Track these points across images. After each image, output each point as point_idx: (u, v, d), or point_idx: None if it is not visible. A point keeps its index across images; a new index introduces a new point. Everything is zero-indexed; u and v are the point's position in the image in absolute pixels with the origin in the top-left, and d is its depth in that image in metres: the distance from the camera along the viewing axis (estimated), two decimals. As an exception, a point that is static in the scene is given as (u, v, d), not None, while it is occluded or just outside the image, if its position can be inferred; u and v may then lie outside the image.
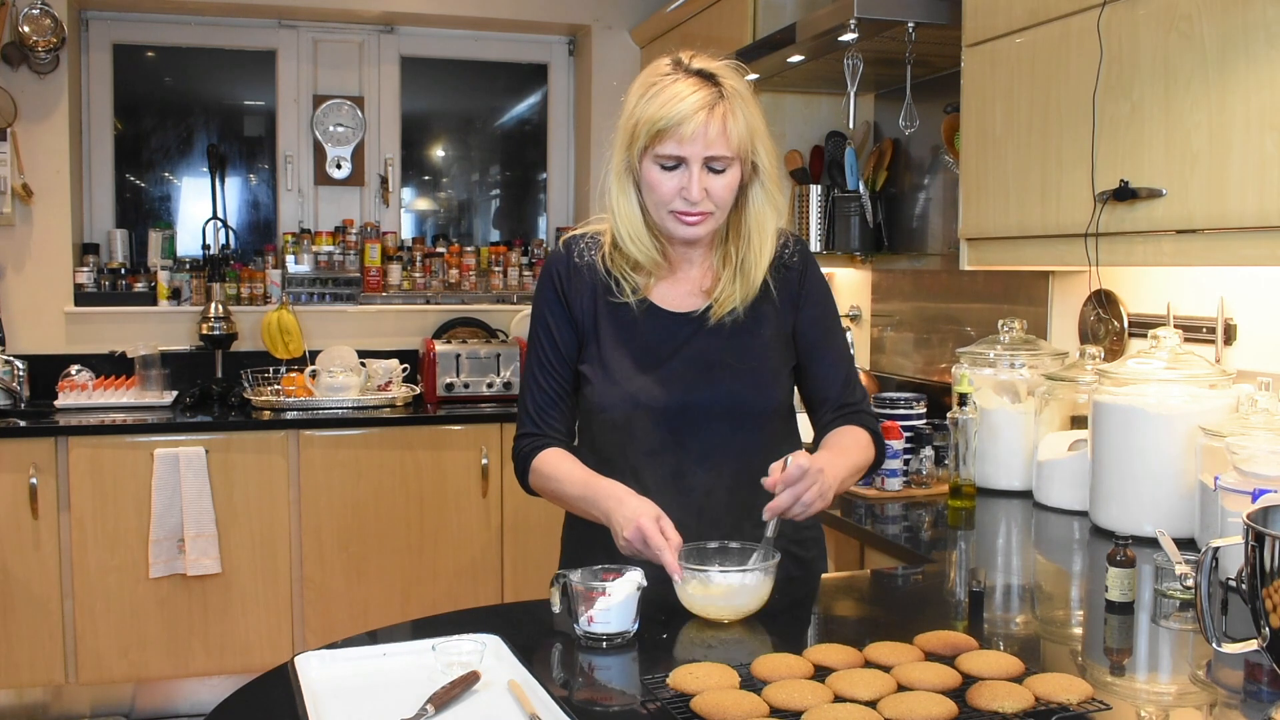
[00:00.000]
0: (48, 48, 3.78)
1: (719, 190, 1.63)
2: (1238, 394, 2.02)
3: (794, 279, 1.78)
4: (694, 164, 1.60)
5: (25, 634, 3.39)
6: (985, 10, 2.40)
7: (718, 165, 1.62)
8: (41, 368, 3.87)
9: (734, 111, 1.61)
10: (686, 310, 1.73)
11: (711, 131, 1.59)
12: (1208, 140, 1.85)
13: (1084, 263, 2.12)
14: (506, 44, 4.57)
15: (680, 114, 1.57)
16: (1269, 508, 1.35)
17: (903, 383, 3.40)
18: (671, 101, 1.58)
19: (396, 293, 4.31)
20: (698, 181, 1.61)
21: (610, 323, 1.73)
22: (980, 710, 1.19)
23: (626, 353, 1.71)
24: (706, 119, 1.58)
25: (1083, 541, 2.13)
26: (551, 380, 1.75)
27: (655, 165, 1.63)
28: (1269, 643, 1.26)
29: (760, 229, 1.70)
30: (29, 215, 3.89)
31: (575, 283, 1.74)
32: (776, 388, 1.75)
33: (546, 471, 1.70)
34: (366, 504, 3.65)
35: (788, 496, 1.53)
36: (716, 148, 1.60)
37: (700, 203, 1.62)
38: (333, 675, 1.35)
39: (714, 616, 1.52)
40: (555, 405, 1.76)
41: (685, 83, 1.60)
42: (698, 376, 1.70)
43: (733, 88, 1.62)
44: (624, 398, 1.70)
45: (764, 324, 1.74)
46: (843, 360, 1.81)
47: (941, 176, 3.23)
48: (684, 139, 1.59)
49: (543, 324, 1.77)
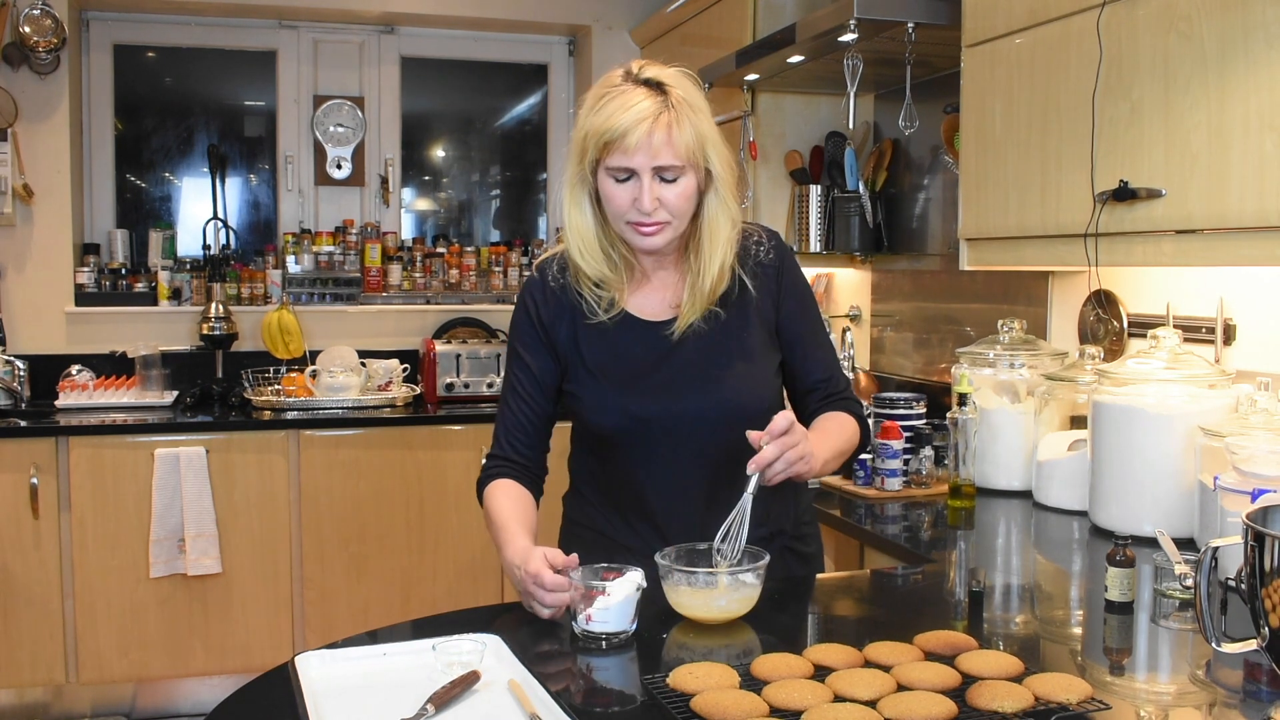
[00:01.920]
0: (48, 48, 3.78)
1: (673, 199, 1.62)
2: (1237, 394, 2.02)
3: (771, 275, 1.77)
4: (644, 174, 1.60)
5: (26, 634, 3.39)
6: (985, 11, 2.40)
7: (668, 174, 1.61)
8: (42, 368, 3.87)
9: (679, 120, 1.59)
10: (665, 318, 1.73)
11: (656, 141, 1.58)
12: (1207, 141, 1.85)
13: (1083, 263, 2.12)
14: (506, 44, 4.57)
15: (624, 125, 1.57)
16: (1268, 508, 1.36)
17: (902, 383, 3.40)
18: (617, 113, 1.58)
19: (397, 293, 4.31)
20: (648, 192, 1.60)
21: (591, 341, 1.73)
22: (980, 710, 1.19)
23: (612, 368, 1.72)
24: (651, 128, 1.57)
25: (1082, 541, 2.13)
26: (524, 406, 1.76)
27: (609, 178, 1.62)
28: (1268, 642, 1.26)
29: (712, 237, 1.68)
30: (30, 215, 3.89)
31: (552, 307, 1.74)
32: (766, 387, 1.75)
33: (489, 500, 1.72)
34: (367, 504, 3.65)
35: (774, 449, 1.51)
36: (663, 157, 1.59)
37: (654, 213, 1.62)
38: (333, 675, 1.35)
39: (703, 618, 1.51)
40: (524, 430, 1.76)
41: (633, 93, 1.59)
42: (687, 383, 1.70)
43: (680, 97, 1.61)
44: (615, 411, 1.70)
45: (748, 324, 1.74)
46: (825, 351, 1.82)
47: (941, 177, 3.23)
48: (629, 150, 1.58)
49: (516, 353, 1.78)
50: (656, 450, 1.71)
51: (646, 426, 1.69)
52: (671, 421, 1.69)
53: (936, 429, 2.62)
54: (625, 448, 1.72)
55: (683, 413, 1.69)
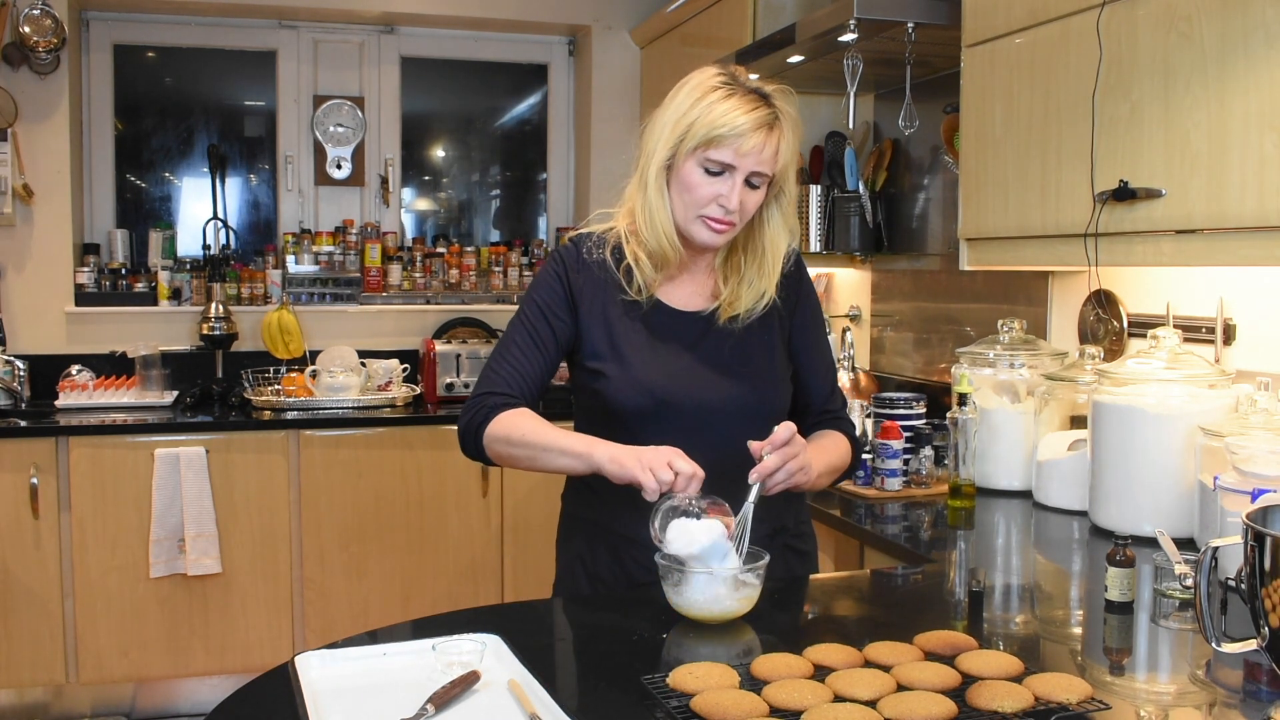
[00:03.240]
0: (48, 48, 3.78)
1: (750, 204, 1.70)
2: (1237, 394, 2.02)
3: (791, 286, 1.83)
4: (739, 175, 1.65)
5: (26, 634, 3.39)
6: (985, 10, 2.40)
7: (756, 181, 1.68)
8: (42, 368, 3.87)
9: (786, 136, 1.68)
10: (694, 310, 1.77)
11: (766, 150, 1.65)
12: (1207, 140, 1.85)
13: (1083, 263, 2.12)
14: (506, 44, 4.57)
15: (743, 127, 1.63)
16: (1268, 507, 1.36)
17: (902, 383, 3.40)
18: (733, 112, 1.63)
19: (397, 293, 4.31)
20: (738, 191, 1.66)
21: (623, 319, 1.75)
22: (980, 710, 1.19)
23: (642, 347, 1.74)
24: (765, 137, 1.64)
25: (1082, 541, 2.13)
26: (536, 355, 1.74)
27: (699, 168, 1.66)
28: (1268, 642, 1.26)
29: (774, 247, 1.76)
30: (30, 215, 3.89)
31: (584, 277, 1.76)
32: (781, 391, 1.80)
33: (514, 420, 1.68)
34: (367, 504, 3.65)
35: (776, 459, 1.55)
36: (765, 165, 1.66)
37: (733, 213, 1.67)
38: (333, 675, 1.35)
39: (704, 618, 1.51)
40: (534, 381, 1.74)
41: (746, 98, 1.65)
42: (710, 374, 1.74)
43: (787, 113, 1.68)
44: (642, 391, 1.71)
45: (769, 329, 1.79)
46: (828, 368, 1.88)
47: (941, 176, 3.23)
48: (741, 151, 1.64)
49: (536, 304, 1.76)
50: (671, 436, 1.70)
51: (666, 409, 1.71)
52: (693, 407, 1.71)
53: (936, 429, 2.62)
54: (641, 430, 1.71)
55: (703, 400, 1.72)
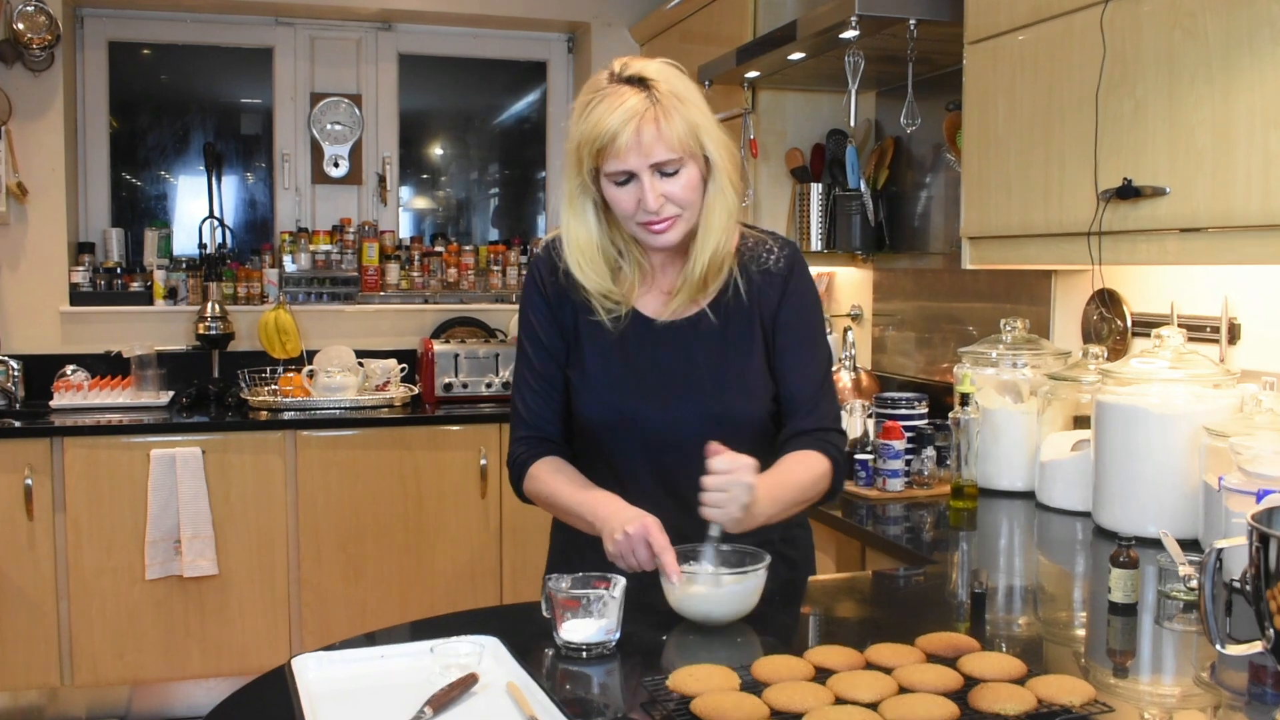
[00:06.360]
0: (42, 45, 3.76)
1: (678, 192, 1.59)
2: (1242, 394, 2.01)
3: (777, 283, 1.73)
4: (642, 174, 1.57)
5: (20, 636, 3.38)
6: (987, 7, 2.38)
7: (668, 168, 1.57)
8: (37, 368, 3.86)
9: (667, 113, 1.55)
10: (668, 319, 1.71)
11: (646, 138, 1.54)
12: (1212, 138, 1.84)
13: (1087, 261, 2.11)
14: (505, 41, 4.56)
15: (613, 127, 1.53)
16: (1273, 508, 1.35)
17: (904, 382, 3.39)
18: (604, 116, 1.54)
19: (394, 292, 4.30)
20: (650, 190, 1.57)
21: (590, 331, 1.71)
22: (982, 712, 1.18)
23: (607, 362, 1.70)
24: (638, 127, 1.53)
25: (1085, 542, 2.12)
26: (543, 382, 1.74)
27: (610, 183, 1.60)
28: (1273, 645, 1.25)
29: (706, 224, 1.64)
30: (24, 214, 3.88)
31: (558, 289, 1.73)
32: (761, 396, 1.71)
33: (543, 478, 1.70)
34: (364, 505, 3.63)
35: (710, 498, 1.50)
36: (657, 153, 1.55)
37: (662, 209, 1.59)
38: (330, 677, 1.34)
39: (704, 620, 1.50)
40: (549, 406, 1.74)
41: (617, 94, 1.55)
42: (679, 385, 1.68)
43: (666, 89, 1.56)
44: (605, 405, 1.69)
45: (747, 334, 1.71)
46: (813, 374, 1.73)
47: (943, 175, 3.22)
48: (621, 152, 1.55)
49: (530, 328, 1.76)
50: (642, 448, 1.69)
51: (630, 424, 1.69)
52: (660, 420, 1.68)
53: (938, 429, 2.61)
54: (609, 442, 1.71)
55: (672, 412, 1.68)
